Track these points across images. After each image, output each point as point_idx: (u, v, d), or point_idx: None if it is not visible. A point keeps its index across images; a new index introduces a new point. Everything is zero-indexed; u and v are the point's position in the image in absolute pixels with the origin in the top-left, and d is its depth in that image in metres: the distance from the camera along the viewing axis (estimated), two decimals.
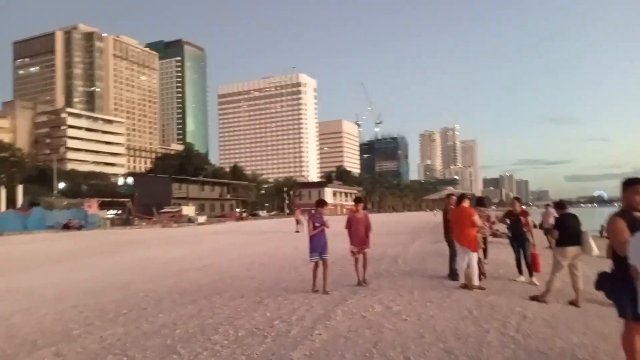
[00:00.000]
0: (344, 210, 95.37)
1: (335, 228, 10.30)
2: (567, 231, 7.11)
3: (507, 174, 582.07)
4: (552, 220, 14.16)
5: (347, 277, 9.67)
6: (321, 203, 7.97)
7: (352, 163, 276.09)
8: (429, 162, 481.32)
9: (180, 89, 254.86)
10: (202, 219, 57.49)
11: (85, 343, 5.28)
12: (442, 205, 12.63)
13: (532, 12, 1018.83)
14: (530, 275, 8.76)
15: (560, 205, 7.39)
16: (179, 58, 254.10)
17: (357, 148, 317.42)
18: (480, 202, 11.51)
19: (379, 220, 52.73)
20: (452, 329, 5.43)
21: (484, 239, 10.27)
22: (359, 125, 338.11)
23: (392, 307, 6.58)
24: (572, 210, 8.42)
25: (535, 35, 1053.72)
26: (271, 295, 7.91)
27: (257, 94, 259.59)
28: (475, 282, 7.80)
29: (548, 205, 14.43)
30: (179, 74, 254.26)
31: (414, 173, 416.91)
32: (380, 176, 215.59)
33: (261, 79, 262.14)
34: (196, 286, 9.20)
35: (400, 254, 13.96)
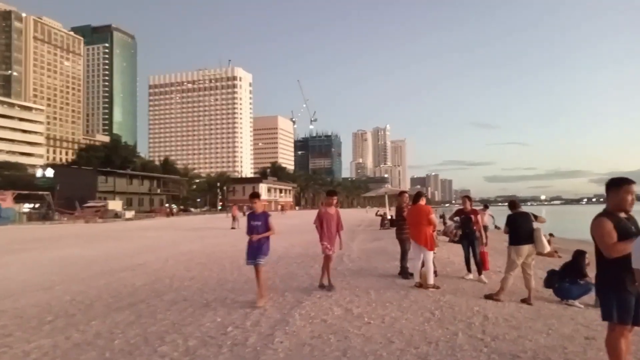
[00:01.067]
0: (279, 206, 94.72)
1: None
2: (520, 230, 7.14)
3: (433, 174, 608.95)
4: (486, 219, 14.56)
5: (295, 277, 9.27)
6: (253, 195, 7.01)
7: (287, 159, 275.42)
8: (360, 160, 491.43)
9: (107, 78, 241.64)
10: (129, 214, 54.68)
11: None
12: (395, 203, 12.53)
13: (464, 20, 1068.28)
14: (479, 273, 8.81)
15: (512, 204, 7.40)
16: (107, 44, 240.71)
17: (292, 145, 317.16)
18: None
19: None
20: (420, 333, 5.18)
21: None
22: (294, 122, 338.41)
23: (352, 310, 6.24)
24: (491, 209, 8.66)
25: (463, 42, 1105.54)
26: (217, 298, 7.33)
27: (190, 86, 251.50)
28: (431, 281, 7.67)
29: (486, 206, 14.83)
30: (107, 62, 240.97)
31: (347, 171, 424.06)
32: (315, 173, 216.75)
33: (195, 71, 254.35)
34: (131, 288, 8.40)
35: (344, 252, 13.71)
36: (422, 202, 8.10)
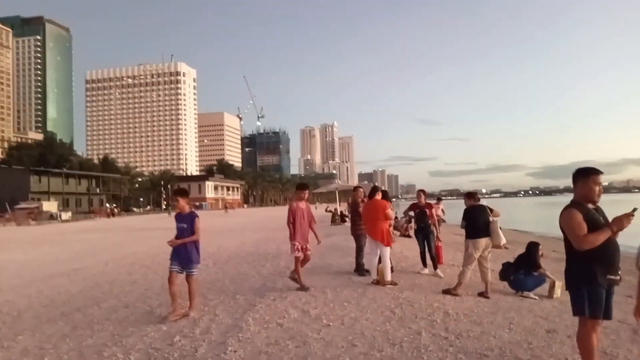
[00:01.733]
0: (226, 204, 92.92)
1: (214, 223, 9.37)
2: (477, 223, 7.07)
3: (380, 169, 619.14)
4: (439, 213, 14.70)
5: (247, 278, 8.84)
6: (177, 193, 6.03)
7: (234, 157, 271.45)
8: (308, 157, 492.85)
9: (40, 72, 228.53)
10: (66, 215, 51.69)
11: None
12: (348, 198, 12.29)
13: (409, 17, 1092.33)
14: (435, 267, 8.73)
15: (470, 196, 7.30)
16: (39, 37, 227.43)
17: (239, 141, 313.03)
18: (384, 196, 11.34)
19: (265, 215, 52.07)
20: (382, 334, 4.92)
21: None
22: (240, 118, 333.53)
23: (309, 311, 5.90)
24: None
25: (408, 39, 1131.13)
26: (163, 304, 6.76)
27: (130, 81, 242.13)
28: (388, 277, 7.47)
29: (439, 199, 14.94)
30: (39, 55, 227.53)
31: (295, 167, 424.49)
32: (263, 170, 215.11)
33: (136, 65, 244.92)
34: (66, 295, 7.69)
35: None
36: (378, 196, 7.89)
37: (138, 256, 13.23)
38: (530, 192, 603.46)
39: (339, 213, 26.16)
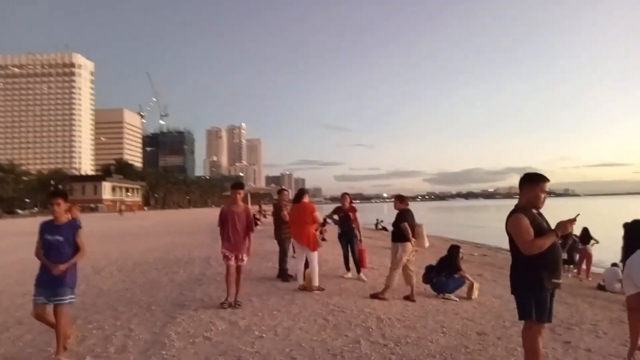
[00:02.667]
0: (123, 206, 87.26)
1: (113, 228, 8.61)
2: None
3: (287, 173, 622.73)
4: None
5: (160, 286, 8.15)
6: (54, 195, 4.41)
7: (134, 156, 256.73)
8: (215, 158, 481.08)
9: None
10: None
11: None
12: (273, 201, 11.87)
13: (318, 20, 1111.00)
14: (358, 271, 8.67)
15: (401, 199, 7.28)
16: None
17: (140, 140, 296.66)
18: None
19: (169, 219, 49.63)
20: (320, 344, 4.67)
21: None
22: (142, 116, 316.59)
23: (237, 322, 5.48)
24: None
25: (317, 44, 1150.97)
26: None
27: (17, 70, 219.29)
28: (316, 282, 7.26)
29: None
30: None
31: (200, 169, 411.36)
32: (165, 171, 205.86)
33: (24, 54, 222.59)
34: None
35: (211, 256, 12.74)
36: (306, 199, 7.65)
37: (28, 263, 11.72)
38: (427, 197, 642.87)
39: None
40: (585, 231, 12.08)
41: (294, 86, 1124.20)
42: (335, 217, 9.07)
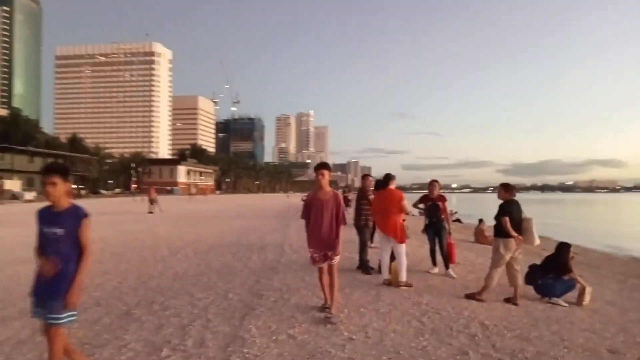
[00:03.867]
0: (194, 189, 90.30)
1: (188, 210, 8.29)
2: (511, 220, 6.16)
3: (354, 160, 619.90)
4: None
5: (235, 272, 7.80)
6: (48, 171, 3.11)
7: (207, 141, 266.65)
8: (283, 145, 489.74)
9: (7, 46, 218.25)
10: (30, 195, 49.26)
11: None
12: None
13: (388, 12, 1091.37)
14: (447, 267, 7.86)
15: (508, 188, 6.34)
16: (6, 8, 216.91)
17: (213, 126, 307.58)
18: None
19: (239, 203, 50.67)
20: (421, 352, 4.00)
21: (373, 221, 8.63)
22: (215, 103, 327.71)
23: (322, 318, 4.92)
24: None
25: (388, 34, 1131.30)
26: (141, 302, 5.71)
27: (103, 59, 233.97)
28: (404, 277, 6.57)
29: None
30: (6, 28, 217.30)
31: (269, 155, 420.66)
32: (236, 156, 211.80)
33: (109, 44, 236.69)
34: (26, 287, 6.50)
35: (284, 241, 12.42)
36: (392, 186, 6.95)
37: (108, 242, 12.00)
38: None
39: None
40: None
41: (363, 74, 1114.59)
42: (421, 206, 8.29)
